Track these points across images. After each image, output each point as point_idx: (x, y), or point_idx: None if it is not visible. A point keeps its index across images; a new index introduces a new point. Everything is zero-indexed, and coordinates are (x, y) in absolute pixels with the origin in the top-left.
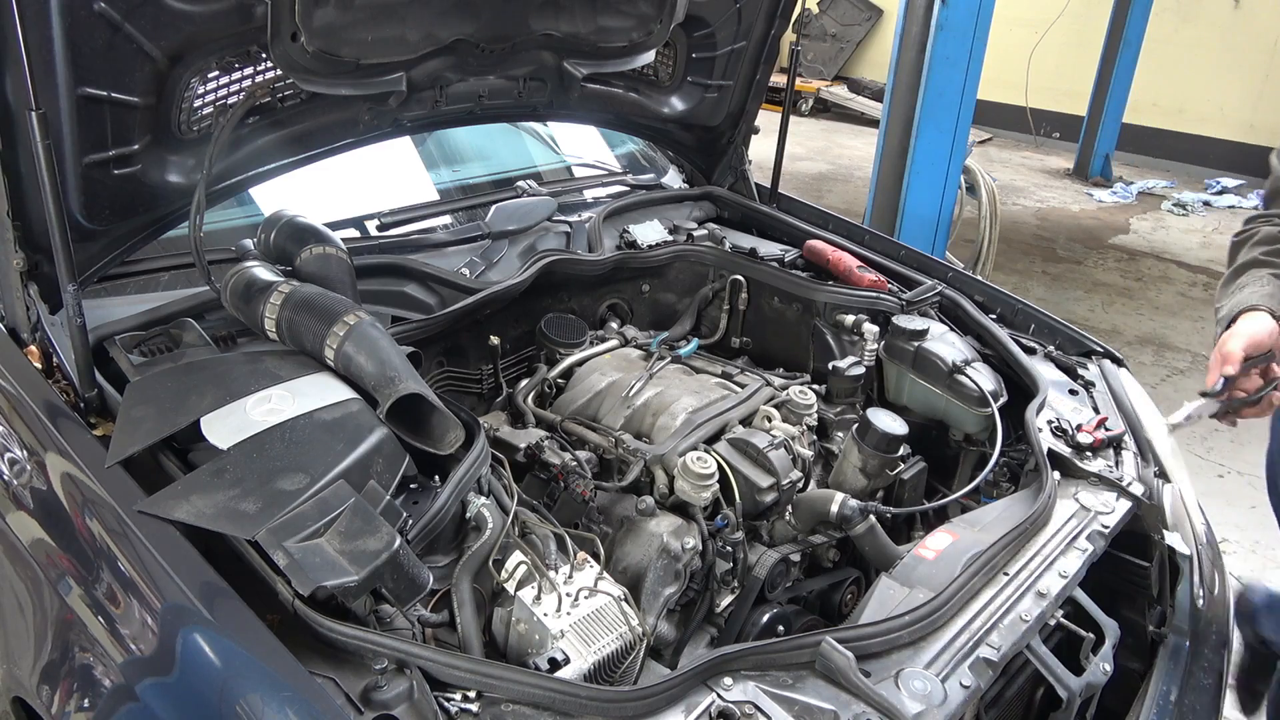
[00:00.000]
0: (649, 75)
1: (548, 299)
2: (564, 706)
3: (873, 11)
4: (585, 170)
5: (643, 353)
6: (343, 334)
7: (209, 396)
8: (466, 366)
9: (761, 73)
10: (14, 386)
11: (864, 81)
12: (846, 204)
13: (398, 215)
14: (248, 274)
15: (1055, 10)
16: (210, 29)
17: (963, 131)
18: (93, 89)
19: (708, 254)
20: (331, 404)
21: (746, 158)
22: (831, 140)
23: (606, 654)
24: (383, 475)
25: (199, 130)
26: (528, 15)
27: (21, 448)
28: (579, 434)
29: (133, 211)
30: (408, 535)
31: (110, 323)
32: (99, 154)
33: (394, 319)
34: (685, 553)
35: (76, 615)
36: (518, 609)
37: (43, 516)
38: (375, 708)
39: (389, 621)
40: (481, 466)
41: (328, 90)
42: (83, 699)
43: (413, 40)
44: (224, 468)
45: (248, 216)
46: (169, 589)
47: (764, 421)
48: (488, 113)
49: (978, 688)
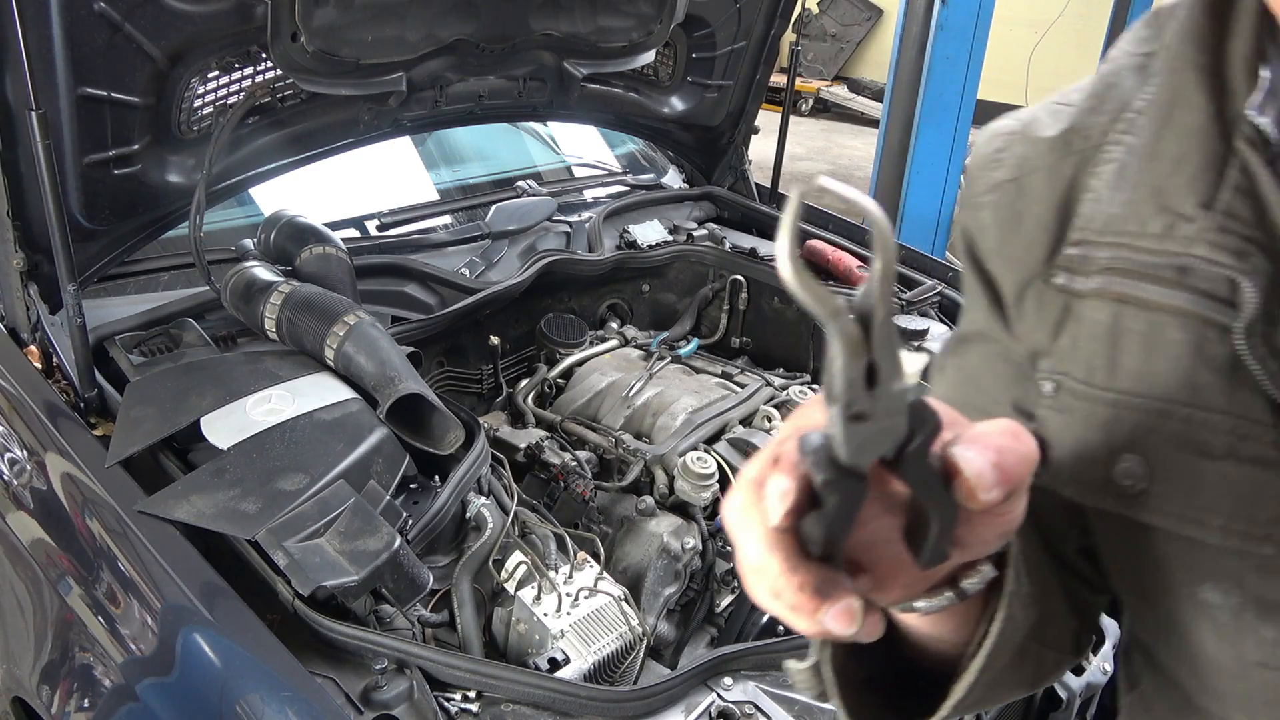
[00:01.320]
0: (649, 75)
1: (548, 299)
2: (564, 706)
3: (873, 11)
4: (585, 170)
5: (643, 353)
6: (343, 334)
7: (209, 396)
8: (466, 366)
9: (761, 73)
10: (14, 386)
11: (864, 81)
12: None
13: (398, 215)
14: (248, 274)
15: (1055, 10)
16: (210, 29)
17: (963, 131)
18: (93, 89)
19: (708, 254)
20: (331, 404)
21: (746, 158)
22: (831, 140)
23: (606, 654)
24: (383, 475)
25: (199, 130)
26: (528, 15)
27: (21, 448)
28: (579, 434)
29: (133, 211)
30: (408, 535)
31: (110, 323)
32: (99, 154)
33: (394, 319)
34: (685, 553)
35: (76, 615)
36: (518, 609)
37: (43, 516)
38: (375, 708)
39: (389, 621)
40: (481, 466)
41: (328, 90)
42: (83, 699)
43: (413, 40)
44: (224, 468)
45: (248, 216)
46: (169, 589)
47: (764, 421)
48: (488, 113)
49: None
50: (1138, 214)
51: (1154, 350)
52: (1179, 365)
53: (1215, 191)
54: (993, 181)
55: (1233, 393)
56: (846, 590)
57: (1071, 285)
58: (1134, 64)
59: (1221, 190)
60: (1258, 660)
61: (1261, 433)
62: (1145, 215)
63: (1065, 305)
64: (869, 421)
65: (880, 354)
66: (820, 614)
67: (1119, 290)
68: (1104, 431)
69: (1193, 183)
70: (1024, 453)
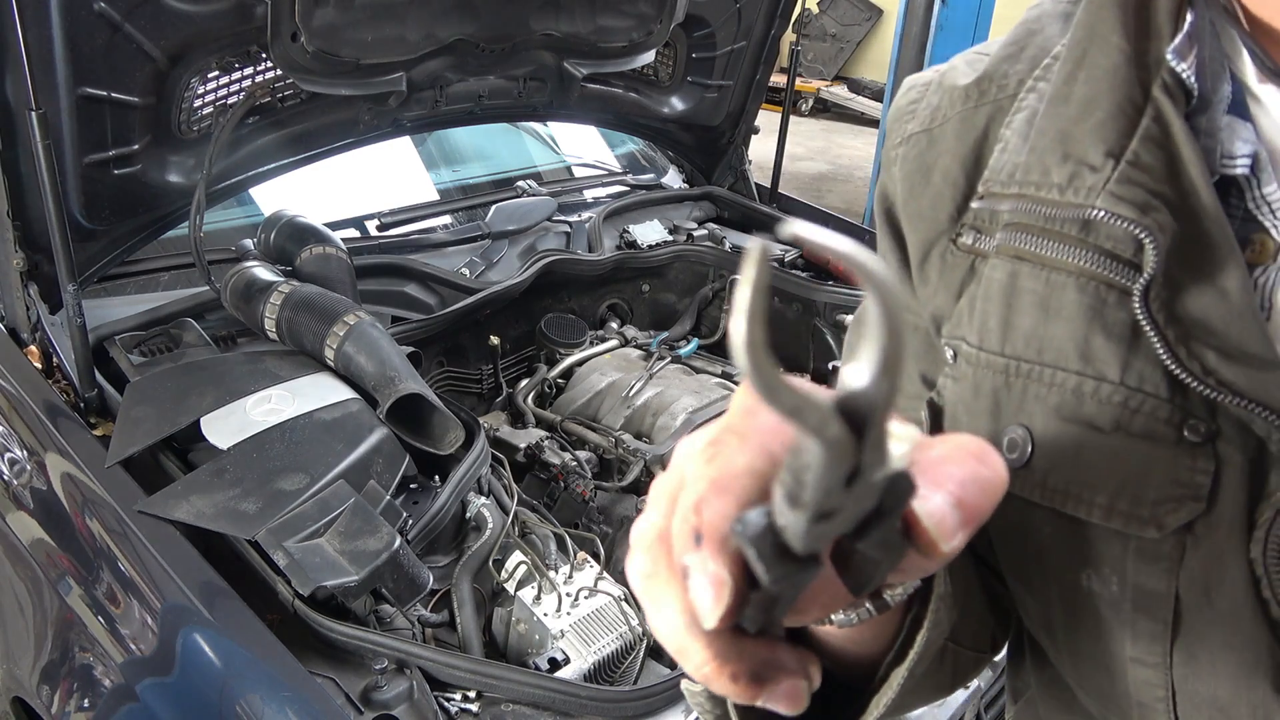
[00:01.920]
0: (649, 75)
1: (548, 299)
2: (564, 706)
3: (873, 11)
4: (585, 170)
5: (643, 353)
6: (343, 334)
7: (209, 396)
8: (466, 366)
9: (761, 73)
10: (14, 386)
11: (864, 81)
12: (846, 204)
13: (398, 215)
14: (248, 274)
15: None
16: (210, 29)
17: None
18: (93, 89)
19: (708, 254)
20: (331, 404)
21: (746, 158)
22: (831, 140)
23: (606, 654)
24: (383, 475)
25: (199, 130)
26: (528, 15)
27: (21, 448)
28: (579, 434)
29: (133, 211)
30: (408, 535)
31: (110, 323)
32: (99, 154)
33: (394, 319)
34: None
35: (76, 615)
36: (518, 609)
37: (43, 516)
38: (375, 708)
39: (389, 621)
40: (481, 466)
41: (328, 90)
42: (83, 699)
43: (413, 40)
44: (224, 468)
45: (248, 216)
46: (169, 589)
47: None
48: (488, 113)
49: (978, 687)
50: (1042, 163)
51: (1048, 312)
52: (1073, 329)
53: (1125, 140)
54: (905, 133)
55: (1128, 362)
56: (789, 672)
57: (976, 245)
58: (1060, 11)
59: (1132, 139)
60: (1133, 656)
61: (1155, 407)
62: (1050, 164)
63: (970, 266)
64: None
65: (870, 454)
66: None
67: (1017, 247)
68: (992, 399)
69: (1102, 129)
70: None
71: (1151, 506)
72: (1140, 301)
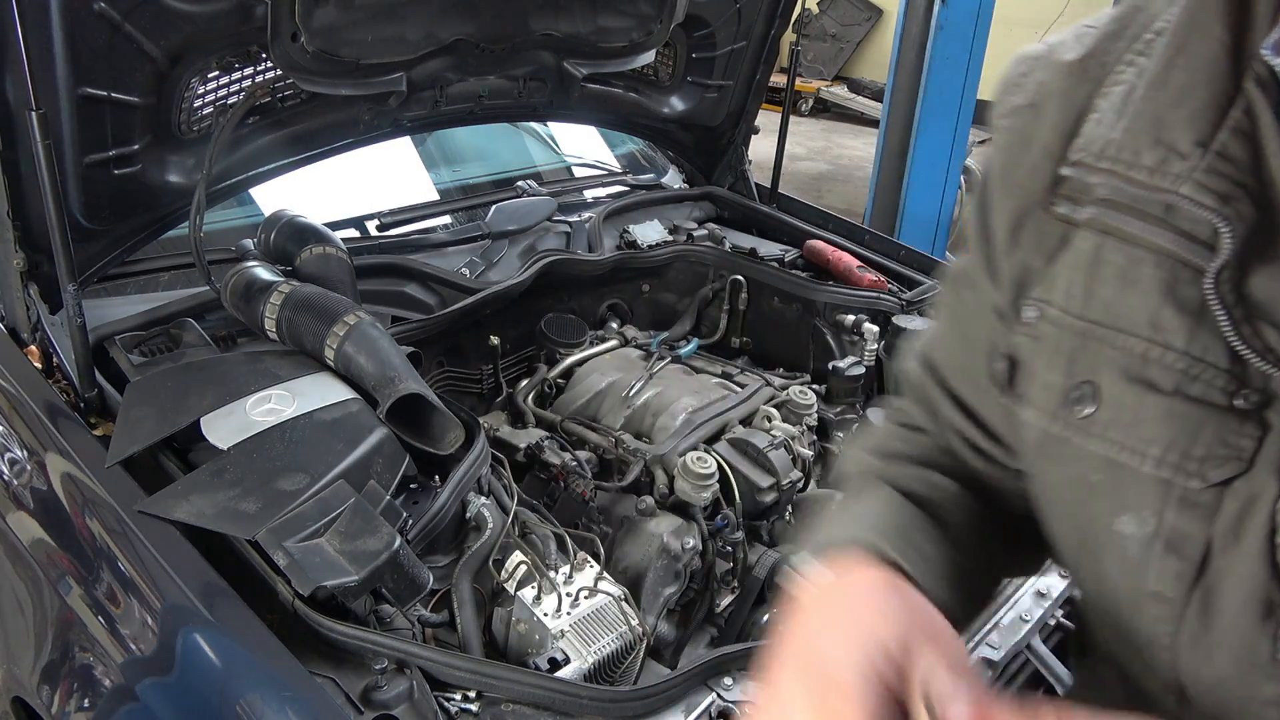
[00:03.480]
0: (649, 75)
1: (548, 299)
2: (564, 706)
3: (873, 11)
4: (585, 170)
5: (643, 353)
6: (343, 334)
7: (209, 396)
8: (466, 366)
9: (761, 73)
10: (14, 386)
11: (864, 81)
12: (846, 204)
13: (398, 215)
14: (248, 274)
15: (1055, 10)
16: (210, 29)
17: (963, 131)
18: (93, 89)
19: (708, 254)
20: (331, 404)
21: (746, 158)
22: (831, 140)
23: (606, 654)
24: (383, 475)
25: (199, 130)
26: (528, 15)
27: (21, 448)
28: (579, 434)
29: (133, 211)
30: (408, 535)
31: (110, 323)
32: (99, 154)
33: (394, 319)
34: (685, 553)
35: (76, 615)
36: (518, 609)
37: (43, 516)
38: (375, 708)
39: (389, 621)
40: (481, 466)
41: (328, 90)
42: (83, 699)
43: (413, 40)
44: (224, 468)
45: (248, 216)
46: (169, 589)
47: (764, 421)
48: (488, 113)
49: None
50: (1134, 143)
51: (1127, 284)
52: (1147, 301)
53: (1214, 130)
54: (1011, 106)
55: (1194, 334)
56: None
57: (1072, 215)
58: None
59: (1221, 130)
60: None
61: (1213, 376)
62: (1141, 146)
63: (1063, 235)
64: None
65: None
66: None
67: (1105, 222)
68: (1067, 358)
69: (1194, 118)
70: None
71: (1199, 462)
72: (1212, 282)
